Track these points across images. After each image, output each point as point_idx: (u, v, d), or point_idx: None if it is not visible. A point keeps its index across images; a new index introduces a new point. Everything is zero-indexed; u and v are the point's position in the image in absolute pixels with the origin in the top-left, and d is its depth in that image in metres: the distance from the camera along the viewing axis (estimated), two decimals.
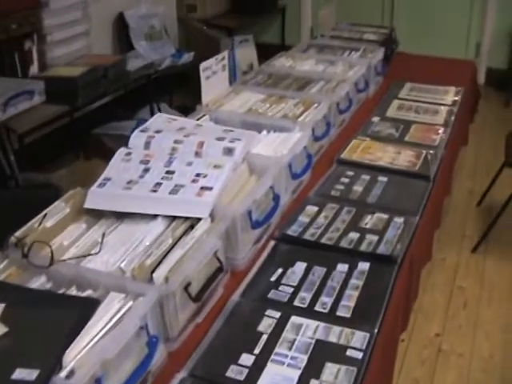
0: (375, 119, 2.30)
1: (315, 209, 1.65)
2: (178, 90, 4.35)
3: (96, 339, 1.05)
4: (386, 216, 1.62)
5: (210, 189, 1.42)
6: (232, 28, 4.70)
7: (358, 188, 1.77)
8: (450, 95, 2.59)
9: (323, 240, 1.51)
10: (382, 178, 1.84)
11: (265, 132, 1.80)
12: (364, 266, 1.42)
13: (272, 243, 1.53)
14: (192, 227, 1.36)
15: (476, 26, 4.77)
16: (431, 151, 2.02)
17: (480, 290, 2.55)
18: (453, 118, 2.35)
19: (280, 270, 1.42)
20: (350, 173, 1.87)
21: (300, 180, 1.77)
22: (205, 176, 1.47)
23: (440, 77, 2.88)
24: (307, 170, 1.76)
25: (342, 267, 1.42)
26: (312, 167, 1.86)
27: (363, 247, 1.48)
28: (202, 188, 1.42)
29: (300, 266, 1.43)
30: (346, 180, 1.82)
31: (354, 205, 1.68)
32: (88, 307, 1.11)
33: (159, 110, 4.04)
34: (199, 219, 1.36)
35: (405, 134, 2.17)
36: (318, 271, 1.41)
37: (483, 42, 4.77)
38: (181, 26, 4.77)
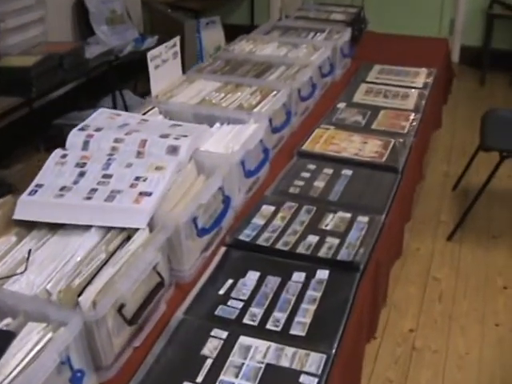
0: (341, 105, 2.16)
1: (272, 209, 1.52)
2: (143, 76, 4.17)
3: (7, 381, 0.91)
4: (348, 215, 1.49)
5: (150, 194, 1.28)
6: (198, 10, 4.51)
7: (320, 183, 1.64)
8: (422, 77, 2.46)
9: (278, 245, 1.38)
10: (347, 172, 1.70)
11: (218, 125, 1.66)
12: (323, 274, 1.29)
13: (223, 250, 1.39)
14: (129, 238, 1.22)
15: (449, 2, 4.62)
16: (400, 139, 1.90)
17: (456, 280, 2.45)
18: (424, 102, 2.22)
19: (230, 282, 1.29)
20: (312, 166, 1.73)
21: (256, 177, 1.63)
22: (145, 179, 1.32)
23: (412, 56, 2.76)
24: (263, 165, 1.62)
25: (298, 276, 1.29)
26: (270, 162, 1.73)
27: (322, 252, 1.35)
28: (140, 194, 1.28)
29: (252, 276, 1.30)
30: (306, 175, 1.69)
31: (314, 203, 1.54)
32: (1, 342, 0.97)
33: (122, 98, 3.87)
34: (137, 229, 1.22)
35: (372, 121, 2.04)
36: (272, 282, 1.28)
37: (457, 19, 4.63)
38: (145, 9, 4.58)
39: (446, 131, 3.65)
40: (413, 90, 2.33)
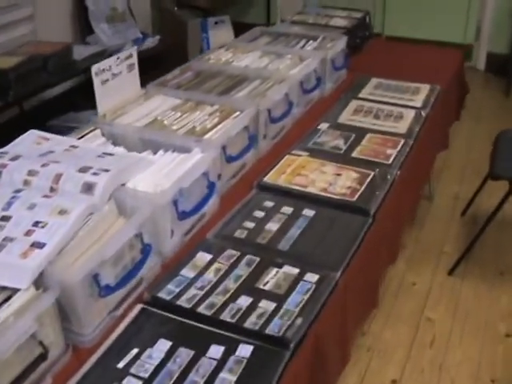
0: (322, 126, 1.93)
1: (207, 258, 1.30)
2: (143, 78, 3.99)
3: None
4: (295, 271, 1.26)
5: (42, 246, 1.07)
6: (207, 8, 4.29)
7: (273, 226, 1.41)
8: (422, 95, 2.20)
9: (202, 307, 1.15)
10: (308, 212, 1.47)
11: (161, 152, 1.45)
12: (245, 350, 1.07)
13: (137, 309, 1.18)
14: (9, 299, 1.02)
15: (476, 7, 4.28)
16: (382, 172, 1.65)
17: (452, 322, 2.18)
18: (419, 125, 1.96)
19: (135, 351, 1.07)
20: (269, 203, 1.50)
21: (200, 214, 1.41)
22: (44, 226, 1.12)
23: (419, 69, 2.51)
24: (205, 203, 1.40)
25: (216, 351, 1.07)
26: (224, 195, 1.51)
27: (250, 321, 1.12)
28: (32, 245, 1.08)
29: (162, 346, 1.08)
30: (260, 214, 1.46)
31: (259, 252, 1.31)
32: None
33: None
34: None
35: (354, 148, 1.80)
36: (183, 355, 1.06)
37: (483, 25, 4.30)
38: (154, 6, 4.39)
39: (462, 147, 3.37)
40: (409, 110, 2.07)
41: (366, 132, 1.89)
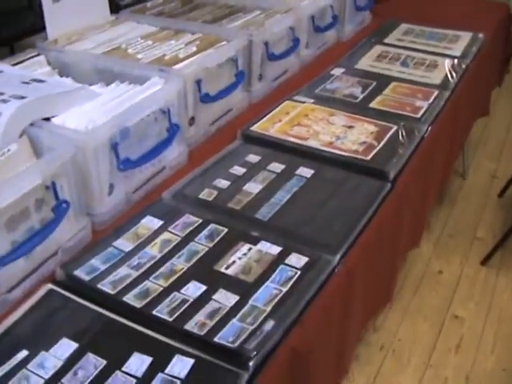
0: (337, 72, 1.54)
1: (156, 224, 0.93)
2: None
3: None
4: (276, 250, 0.88)
5: None
6: None
7: (254, 188, 1.04)
8: (463, 43, 1.79)
9: (129, 296, 0.79)
10: (305, 172, 1.09)
11: (114, 85, 1.08)
12: (181, 365, 0.71)
13: (45, 290, 0.82)
14: None
15: None
16: (408, 126, 1.27)
17: (484, 322, 1.80)
18: (457, 78, 1.55)
19: (22, 355, 0.72)
20: (255, 158, 1.13)
21: (157, 167, 1.05)
22: None
23: (458, 18, 2.08)
24: (162, 150, 1.03)
25: (138, 363, 0.71)
26: (198, 145, 1.15)
27: (193, 322, 0.75)
28: None
29: (62, 351, 0.73)
30: (240, 171, 1.09)
31: (229, 220, 0.95)
32: None
33: None
34: None
35: (374, 97, 1.41)
36: (90, 368, 0.71)
37: None
38: None
39: (501, 119, 2.94)
40: (446, 59, 1.67)
41: (390, 80, 1.51)
